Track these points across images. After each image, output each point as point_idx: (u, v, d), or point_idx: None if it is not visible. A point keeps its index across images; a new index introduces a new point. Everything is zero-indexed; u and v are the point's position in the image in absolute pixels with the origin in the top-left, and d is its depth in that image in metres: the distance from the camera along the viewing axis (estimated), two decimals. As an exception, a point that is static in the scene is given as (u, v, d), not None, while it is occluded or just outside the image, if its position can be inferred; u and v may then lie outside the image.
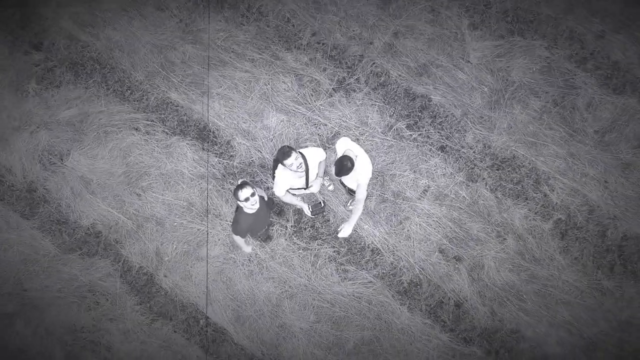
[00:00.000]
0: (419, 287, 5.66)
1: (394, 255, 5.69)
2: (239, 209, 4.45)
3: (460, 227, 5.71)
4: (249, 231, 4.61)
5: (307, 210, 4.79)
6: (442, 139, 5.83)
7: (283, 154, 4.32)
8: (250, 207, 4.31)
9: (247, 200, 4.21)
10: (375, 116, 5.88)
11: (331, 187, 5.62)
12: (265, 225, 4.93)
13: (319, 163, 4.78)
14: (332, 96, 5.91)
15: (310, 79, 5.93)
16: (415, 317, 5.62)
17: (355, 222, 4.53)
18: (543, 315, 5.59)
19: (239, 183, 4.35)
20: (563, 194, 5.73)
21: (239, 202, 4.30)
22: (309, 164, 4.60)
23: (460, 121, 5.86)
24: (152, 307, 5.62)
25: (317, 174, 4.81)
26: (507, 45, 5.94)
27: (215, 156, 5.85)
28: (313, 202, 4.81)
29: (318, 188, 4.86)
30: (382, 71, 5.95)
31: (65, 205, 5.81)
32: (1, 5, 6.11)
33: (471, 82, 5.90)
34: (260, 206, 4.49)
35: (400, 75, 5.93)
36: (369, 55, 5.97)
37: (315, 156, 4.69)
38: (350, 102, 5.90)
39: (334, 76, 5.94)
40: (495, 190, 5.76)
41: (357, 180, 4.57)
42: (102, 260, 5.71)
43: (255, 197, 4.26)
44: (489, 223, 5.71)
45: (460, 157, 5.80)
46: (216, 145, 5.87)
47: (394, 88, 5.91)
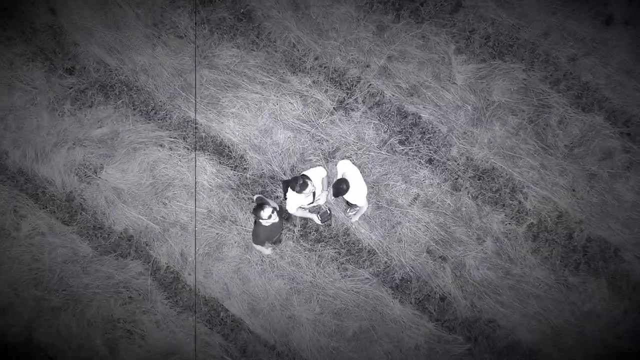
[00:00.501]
0: (409, 283, 6.53)
1: (387, 255, 6.54)
2: (257, 222, 5.28)
3: (445, 230, 6.54)
4: (267, 240, 5.47)
5: (317, 220, 5.62)
6: (430, 153, 6.62)
7: (300, 187, 5.05)
8: (268, 222, 5.13)
9: (269, 217, 5.01)
10: (371, 132, 6.66)
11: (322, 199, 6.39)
12: (279, 231, 5.75)
13: (322, 179, 5.60)
14: (333, 115, 6.68)
15: (313, 99, 6.69)
16: (406, 309, 6.50)
17: (361, 214, 5.77)
18: (516, 307, 6.46)
19: (258, 203, 5.16)
20: (535, 201, 6.55)
21: (259, 219, 5.10)
22: (314, 183, 5.41)
23: (446, 136, 6.64)
24: (179, 301, 6.52)
25: (322, 189, 5.63)
26: (489, 68, 6.67)
27: (231, 169, 6.66)
28: (321, 211, 5.63)
29: (324, 200, 5.69)
30: (377, 92, 6.70)
31: (100, 212, 6.66)
32: (37, 34, 6.83)
33: (456, 101, 6.66)
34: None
35: (393, 96, 6.68)
36: (365, 77, 6.72)
37: (318, 175, 5.50)
38: (349, 120, 6.67)
39: (335, 97, 6.70)
40: (476, 198, 6.57)
41: (355, 198, 5.41)
42: (134, 261, 6.58)
43: (275, 214, 5.06)
44: (470, 227, 6.54)
45: (446, 169, 6.60)
46: (231, 159, 6.68)
47: (388, 107, 6.68)
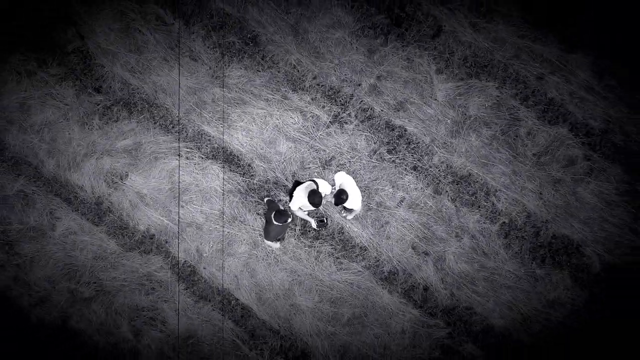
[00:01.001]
0: (396, 275, 7.46)
1: (377, 251, 7.46)
2: (268, 222, 6.23)
3: (428, 229, 7.46)
4: (275, 237, 6.42)
5: (313, 224, 6.56)
6: (415, 161, 7.54)
7: (314, 202, 6.02)
8: (281, 223, 6.10)
9: (286, 222, 6.01)
10: (363, 143, 7.58)
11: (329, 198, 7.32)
12: (285, 230, 6.69)
13: (325, 193, 6.54)
14: (329, 127, 7.59)
15: (312, 114, 7.61)
16: (394, 298, 7.43)
17: (355, 214, 6.68)
18: (490, 296, 7.38)
19: (277, 209, 6.09)
20: (507, 203, 7.46)
21: (274, 221, 6.06)
22: (320, 188, 6.34)
23: (429, 146, 7.55)
24: (195, 292, 7.46)
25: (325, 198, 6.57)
26: (466, 86, 7.58)
27: (239, 175, 7.58)
28: (317, 217, 6.55)
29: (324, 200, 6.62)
30: (368, 107, 7.61)
31: (126, 214, 7.59)
32: (68, 57, 7.75)
33: (437, 115, 7.57)
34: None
35: (382, 111, 7.60)
36: (357, 94, 7.63)
37: (323, 186, 6.43)
38: (343, 132, 7.59)
39: (330, 111, 7.62)
40: (455, 200, 7.49)
41: (352, 204, 6.34)
42: (155, 256, 7.52)
43: (290, 219, 6.04)
44: (449, 226, 7.46)
45: (428, 175, 7.52)
46: (240, 167, 7.60)
47: (377, 120, 7.59)
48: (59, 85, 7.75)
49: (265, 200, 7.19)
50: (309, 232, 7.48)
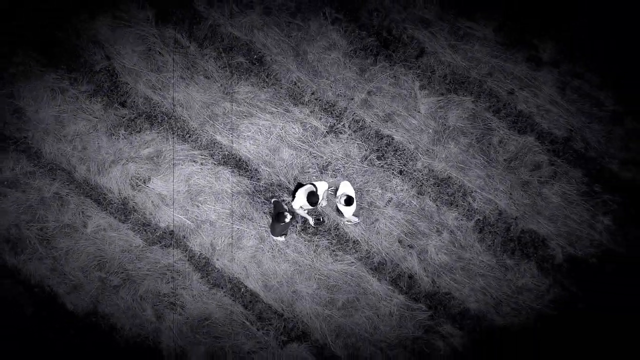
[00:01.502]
0: (384, 265, 8.55)
1: (368, 244, 8.56)
2: (275, 221, 7.33)
3: (412, 225, 8.55)
4: (280, 232, 7.53)
5: (311, 222, 7.67)
6: (401, 166, 8.63)
7: (312, 201, 7.12)
8: (284, 223, 7.21)
9: (287, 221, 7.12)
10: (355, 150, 8.67)
11: (324, 203, 8.42)
12: (288, 227, 7.79)
13: (324, 192, 7.63)
14: (325, 137, 8.68)
15: (310, 125, 8.70)
16: (382, 285, 8.52)
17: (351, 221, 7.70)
18: (466, 283, 8.48)
19: (279, 210, 7.19)
20: (481, 202, 8.55)
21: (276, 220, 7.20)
22: (318, 193, 7.44)
23: (413, 153, 8.64)
24: (210, 280, 8.57)
25: (321, 198, 7.65)
26: (445, 100, 8.65)
27: (247, 179, 8.68)
28: (315, 216, 7.65)
29: (324, 203, 7.72)
30: (360, 119, 8.70)
31: (149, 213, 8.70)
32: (96, 76, 8.84)
33: (421, 126, 8.65)
34: (286, 216, 7.41)
35: (372, 122, 8.68)
36: (350, 107, 8.72)
37: (322, 188, 7.53)
38: (338, 141, 8.68)
39: (327, 123, 8.71)
40: (436, 200, 8.58)
41: (350, 211, 7.46)
42: (175, 249, 8.63)
43: (289, 218, 7.14)
44: (431, 222, 8.55)
45: (413, 178, 8.61)
46: (248, 171, 8.70)
47: (368, 130, 8.68)
48: (88, 100, 8.85)
49: (272, 201, 8.28)
50: (308, 228, 8.58)
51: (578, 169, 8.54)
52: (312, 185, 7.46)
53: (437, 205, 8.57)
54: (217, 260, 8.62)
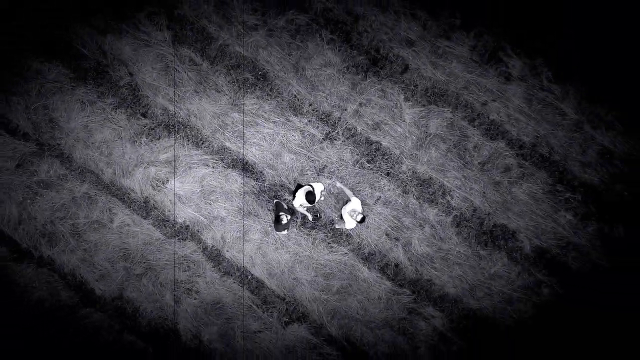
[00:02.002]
0: (374, 255, 9.76)
1: (359, 237, 9.77)
2: (274, 221, 8.55)
3: (398, 220, 9.76)
4: (283, 229, 8.75)
5: (310, 218, 8.90)
6: (388, 168, 9.84)
7: (310, 199, 8.33)
8: (284, 222, 8.44)
9: (284, 221, 8.34)
10: (348, 155, 9.88)
11: (322, 199, 9.64)
12: (289, 224, 9.01)
13: (320, 191, 8.85)
14: (322, 143, 9.90)
15: (309, 132, 9.91)
16: (372, 273, 9.74)
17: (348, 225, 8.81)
18: (445, 271, 9.69)
19: (277, 213, 8.41)
20: (458, 200, 9.76)
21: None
22: (315, 193, 8.65)
23: (399, 157, 9.85)
24: (221, 269, 9.80)
25: (319, 197, 8.86)
26: (427, 111, 9.86)
27: (254, 180, 9.90)
28: (313, 213, 8.86)
29: (318, 198, 8.94)
30: (352, 127, 9.91)
31: (167, 210, 9.93)
32: (120, 90, 10.07)
33: (405, 133, 9.86)
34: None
35: (363, 130, 9.90)
36: (344, 117, 9.93)
37: (318, 188, 8.75)
38: (333, 147, 9.89)
39: (323, 131, 9.92)
40: (419, 198, 9.79)
41: (350, 218, 8.68)
42: (190, 242, 9.85)
43: (286, 218, 8.36)
44: (415, 218, 9.76)
45: (398, 179, 9.82)
46: (254, 173, 9.92)
47: (359, 137, 9.89)
48: (114, 111, 10.08)
49: (274, 202, 9.49)
50: (306, 223, 9.80)
51: (543, 171, 9.73)
52: (309, 186, 8.68)
53: (419, 202, 9.78)
54: (227, 251, 9.84)
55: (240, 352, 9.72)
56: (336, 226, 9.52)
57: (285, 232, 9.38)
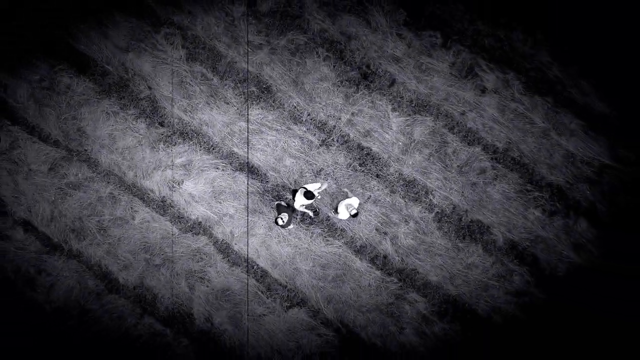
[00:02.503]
0: (365, 248, 11.06)
1: (352, 232, 11.07)
2: (274, 221, 9.86)
3: (386, 217, 11.05)
4: (285, 225, 10.06)
5: (310, 214, 10.20)
6: (377, 171, 11.13)
7: (309, 196, 9.62)
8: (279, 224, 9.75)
9: (282, 221, 9.65)
10: (342, 159, 11.18)
11: (319, 197, 10.93)
12: (290, 221, 10.30)
13: (316, 190, 10.15)
14: (319, 148, 11.20)
15: (307, 139, 11.21)
16: (363, 263, 11.03)
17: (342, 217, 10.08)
18: (428, 261, 10.97)
19: (280, 215, 9.72)
20: (440, 198, 11.04)
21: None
22: (313, 193, 9.96)
23: (387, 161, 11.14)
24: (230, 260, 11.10)
25: (315, 195, 10.16)
26: (412, 120, 11.15)
27: (259, 182, 11.20)
28: (313, 209, 10.17)
29: (316, 194, 10.24)
30: (345, 134, 11.21)
31: (182, 208, 11.24)
32: (141, 102, 11.39)
33: (392, 140, 11.15)
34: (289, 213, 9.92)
35: (355, 137, 11.20)
36: (338, 126, 11.23)
37: (313, 187, 10.05)
38: (328, 152, 11.19)
39: (320, 137, 11.22)
40: (404, 197, 11.08)
41: (344, 212, 9.97)
42: (203, 236, 11.16)
43: (285, 219, 9.65)
44: (401, 214, 11.05)
45: (387, 180, 11.11)
46: (259, 175, 11.22)
47: (352, 143, 11.19)
48: (135, 121, 11.39)
49: (276, 204, 10.79)
50: (305, 220, 11.10)
51: (514, 173, 11.01)
52: (303, 188, 9.91)
53: (405, 201, 11.07)
54: (235, 244, 11.15)
55: (247, 333, 11.03)
56: (330, 214, 10.82)
57: (291, 227, 10.64)
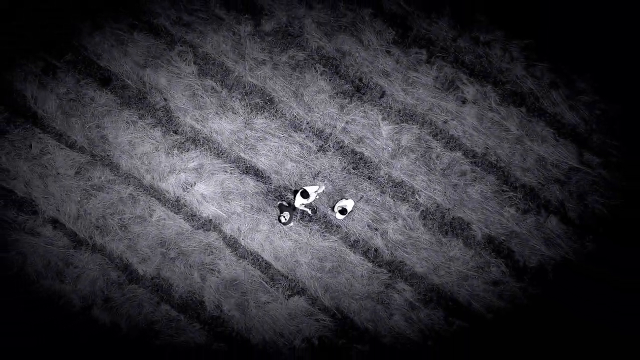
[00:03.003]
0: (358, 242, 12.37)
1: (346, 228, 12.39)
2: (278, 219, 11.19)
3: (377, 214, 12.37)
4: (287, 223, 11.38)
5: (310, 212, 11.53)
6: (369, 173, 12.44)
7: (304, 195, 10.95)
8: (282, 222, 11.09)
9: (285, 219, 10.98)
10: (337, 162, 12.49)
11: (317, 197, 12.23)
12: (292, 219, 11.63)
13: (315, 191, 11.48)
14: (316, 153, 12.51)
15: (306, 145, 12.53)
16: (357, 256, 12.35)
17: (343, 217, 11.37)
18: (414, 254, 12.28)
19: (279, 213, 11.03)
20: (425, 198, 12.35)
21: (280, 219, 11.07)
22: (309, 193, 11.29)
23: (377, 164, 12.45)
24: (237, 253, 12.43)
25: (314, 197, 11.49)
26: (399, 128, 12.45)
27: (263, 184, 12.53)
28: (311, 208, 11.50)
29: (313, 197, 11.57)
30: (340, 140, 12.51)
31: (195, 207, 12.57)
32: (157, 112, 12.72)
33: (383, 146, 12.46)
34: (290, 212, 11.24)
35: (349, 143, 12.51)
36: (334, 133, 12.53)
37: (312, 189, 11.38)
38: (325, 156, 12.50)
39: (317, 144, 12.53)
40: (393, 197, 12.39)
41: (341, 214, 11.29)
42: (213, 232, 12.49)
43: (287, 217, 10.98)
44: (390, 212, 12.37)
45: (377, 182, 12.43)
46: (263, 178, 12.54)
47: (346, 149, 12.50)
48: (152, 129, 12.73)
49: (278, 204, 12.11)
50: (305, 217, 12.43)
51: (491, 175, 12.31)
52: (303, 189, 11.25)
53: (394, 200, 12.38)
54: (242, 239, 12.48)
55: (252, 318, 12.37)
56: (328, 212, 12.15)
57: (292, 224, 11.97)
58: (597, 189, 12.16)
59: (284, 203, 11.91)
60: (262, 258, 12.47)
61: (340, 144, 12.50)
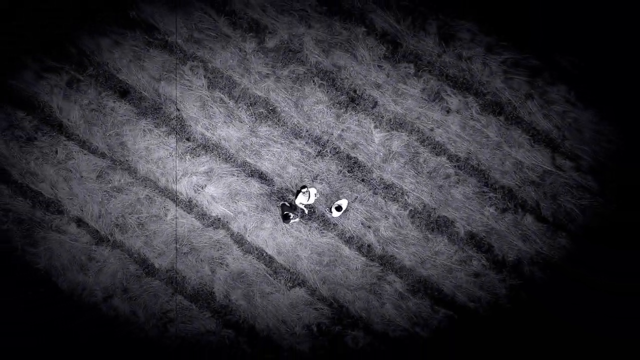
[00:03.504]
0: (353, 239, 13.69)
1: (342, 225, 13.71)
2: (283, 218, 12.52)
3: (370, 213, 13.68)
4: (289, 222, 12.70)
5: (307, 211, 12.86)
6: (362, 176, 13.75)
7: (305, 191, 12.29)
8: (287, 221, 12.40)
9: (290, 219, 12.30)
10: (334, 167, 13.80)
11: (315, 198, 13.55)
12: (294, 217, 12.96)
13: (314, 193, 12.81)
14: (315, 158, 13.83)
15: (305, 151, 13.85)
16: (351, 251, 13.66)
17: (339, 214, 12.69)
18: (404, 249, 13.59)
19: (284, 212, 12.37)
20: (413, 198, 13.66)
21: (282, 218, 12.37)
22: (311, 194, 12.61)
23: (371, 168, 13.76)
24: (244, 249, 13.76)
25: (313, 197, 12.81)
26: (390, 135, 13.76)
27: (267, 186, 13.85)
28: (309, 208, 12.83)
29: (313, 201, 12.90)
30: (337, 147, 13.83)
31: (205, 207, 13.91)
32: (171, 121, 14.06)
33: (375, 151, 13.77)
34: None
35: (344, 149, 13.83)
36: (331, 140, 13.85)
37: (312, 191, 12.71)
38: (323, 161, 13.82)
39: (316, 149, 13.84)
40: (385, 197, 13.70)
41: (338, 212, 12.62)
42: (222, 229, 13.82)
43: (290, 217, 12.30)
44: (382, 212, 13.67)
45: (370, 184, 13.74)
46: (267, 180, 13.86)
47: (342, 154, 13.82)
48: (166, 136, 14.07)
49: (280, 204, 13.43)
50: (304, 216, 13.75)
51: (473, 177, 13.62)
52: (305, 188, 12.59)
53: (385, 201, 13.69)
54: (248, 236, 13.81)
55: (257, 307, 13.70)
56: (325, 212, 13.47)
57: (297, 220, 13.29)
58: (568, 190, 13.45)
59: (286, 203, 13.21)
60: (266, 253, 13.79)
61: (337, 150, 13.80)
